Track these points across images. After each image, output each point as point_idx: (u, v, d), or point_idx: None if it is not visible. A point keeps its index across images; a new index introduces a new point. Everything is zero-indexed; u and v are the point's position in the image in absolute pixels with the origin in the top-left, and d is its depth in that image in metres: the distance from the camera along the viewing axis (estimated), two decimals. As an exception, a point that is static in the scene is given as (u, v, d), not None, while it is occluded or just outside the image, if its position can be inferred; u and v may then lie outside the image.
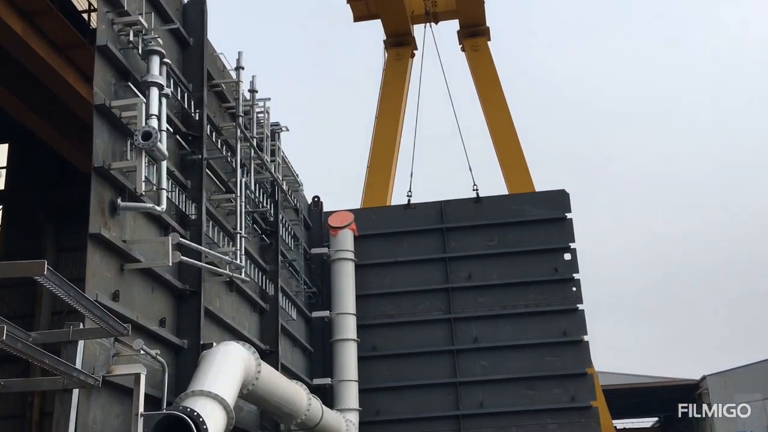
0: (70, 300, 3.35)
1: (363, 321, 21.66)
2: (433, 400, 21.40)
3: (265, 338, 16.80)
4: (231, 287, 14.92)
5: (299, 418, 15.55)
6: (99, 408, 9.60)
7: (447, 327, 22.03)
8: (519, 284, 22.10)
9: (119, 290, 10.43)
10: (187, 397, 10.29)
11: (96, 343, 9.58)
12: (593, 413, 20.96)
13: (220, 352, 11.69)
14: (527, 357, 21.47)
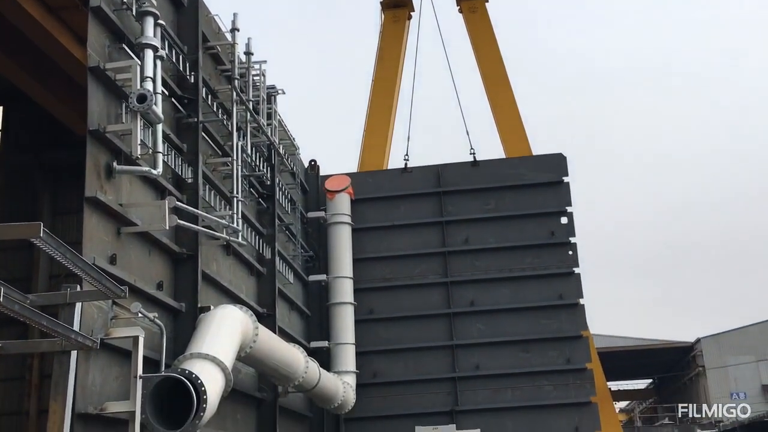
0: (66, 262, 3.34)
1: (360, 284, 21.73)
2: (430, 362, 21.56)
3: (263, 301, 16.87)
4: (228, 251, 14.94)
5: (297, 380, 15.67)
6: (98, 370, 9.66)
7: (443, 290, 22.13)
8: (515, 248, 22.17)
9: (116, 254, 10.44)
10: (185, 360, 10.35)
11: (94, 306, 9.62)
12: (588, 375, 21.16)
13: (218, 315, 11.73)
14: (523, 320, 21.61)
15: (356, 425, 20.99)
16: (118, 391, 9.95)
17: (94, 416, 9.36)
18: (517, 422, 20.73)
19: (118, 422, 9.73)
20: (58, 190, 17.79)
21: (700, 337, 53.36)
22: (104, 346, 9.77)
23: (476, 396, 21.21)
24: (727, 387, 51.13)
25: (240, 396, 14.82)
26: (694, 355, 53.99)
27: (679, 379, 58.11)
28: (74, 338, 3.48)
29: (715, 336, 53.10)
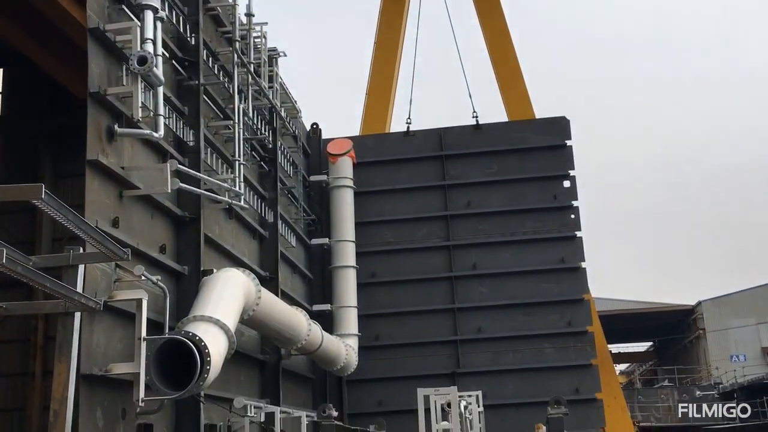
0: (68, 224, 3.34)
1: (362, 248, 21.78)
2: (432, 325, 21.70)
3: (265, 265, 16.92)
4: (230, 214, 14.94)
5: (299, 343, 15.78)
6: (102, 332, 9.73)
7: (446, 254, 22.19)
8: (518, 211, 22.19)
9: (119, 217, 10.45)
10: (188, 322, 10.40)
11: (97, 268, 9.65)
12: (589, 338, 21.30)
13: (221, 278, 11.78)
14: (525, 283, 21.69)
15: (358, 387, 21.18)
16: (123, 352, 10.03)
17: (99, 377, 9.45)
18: (518, 384, 20.91)
19: (122, 383, 9.81)
20: (59, 154, 17.75)
21: (701, 300, 53.57)
22: (108, 308, 9.82)
23: (478, 358, 21.38)
24: (727, 349, 51.48)
25: (243, 358, 14.93)
26: (694, 318, 54.27)
27: (680, 342, 58.50)
28: (77, 300, 3.50)
29: (716, 299, 53.32)
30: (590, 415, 20.49)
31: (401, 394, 19.38)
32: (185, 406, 11.63)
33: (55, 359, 3.59)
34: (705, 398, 45.17)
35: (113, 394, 9.76)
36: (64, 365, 3.73)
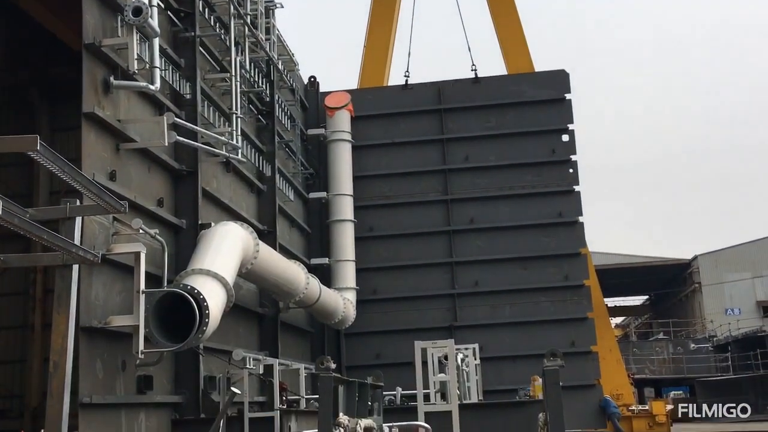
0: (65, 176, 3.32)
1: (360, 202, 21.78)
2: (429, 279, 21.80)
3: (263, 219, 16.93)
4: (228, 168, 14.90)
5: (297, 296, 15.87)
6: (101, 285, 9.78)
7: (443, 208, 22.20)
8: (516, 166, 22.14)
9: (116, 170, 10.42)
10: (187, 276, 10.44)
11: (95, 222, 9.66)
12: (585, 292, 21.43)
13: (219, 232, 11.79)
14: (522, 237, 21.74)
15: (356, 340, 21.37)
16: (122, 305, 10.09)
17: (99, 330, 9.52)
18: (514, 337, 21.08)
19: (122, 336, 9.89)
20: (56, 107, 17.63)
21: (697, 255, 53.83)
22: (107, 261, 9.85)
23: (475, 312, 21.52)
24: (722, 303, 51.87)
25: (242, 311, 15.03)
26: (690, 272, 54.58)
27: (675, 296, 58.93)
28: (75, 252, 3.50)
29: (712, 253, 53.56)
30: (586, 367, 20.71)
31: (399, 347, 19.54)
32: (184, 359, 11.74)
33: (54, 311, 3.61)
34: (699, 351, 45.69)
35: (113, 346, 9.85)
36: (63, 317, 3.75)
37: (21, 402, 16.71)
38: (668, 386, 46.50)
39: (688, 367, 44.94)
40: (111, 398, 9.64)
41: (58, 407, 3.76)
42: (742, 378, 41.37)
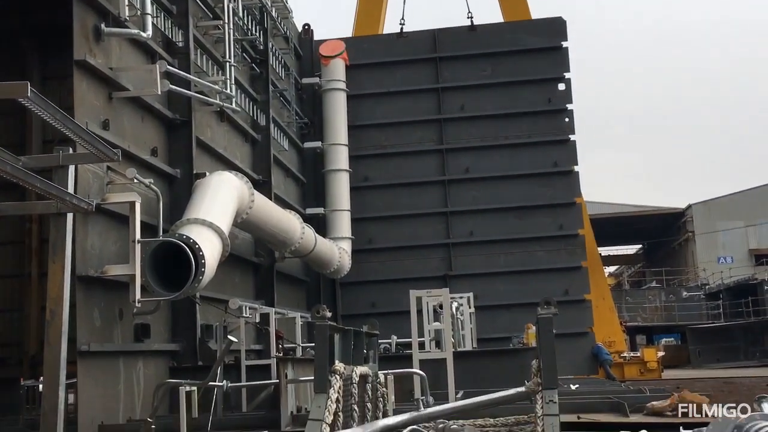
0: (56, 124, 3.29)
1: (355, 152, 21.71)
2: (424, 228, 21.87)
3: (258, 168, 16.88)
4: (222, 117, 14.80)
5: (293, 246, 15.92)
6: (96, 234, 9.78)
7: (439, 157, 22.17)
8: (512, 115, 22.05)
9: (109, 119, 10.34)
10: (182, 225, 10.44)
11: (89, 171, 9.62)
12: (580, 241, 21.54)
13: (214, 182, 11.76)
14: (518, 187, 21.76)
15: (352, 289, 21.51)
16: (118, 255, 10.11)
17: (95, 279, 9.56)
18: (508, 286, 21.24)
19: (118, 285, 9.93)
20: (47, 54, 17.36)
21: (692, 203, 53.96)
22: (102, 211, 9.84)
23: (469, 261, 21.64)
24: (714, 252, 52.16)
25: (238, 261, 15.08)
26: (684, 221, 54.77)
27: (668, 245, 59.22)
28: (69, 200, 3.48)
29: (706, 202, 53.69)
30: (579, 315, 20.94)
31: (394, 296, 19.65)
32: (181, 308, 11.82)
33: (49, 260, 3.61)
34: (691, 299, 46.12)
35: (109, 295, 9.90)
36: (59, 265, 3.75)
37: (20, 350, 16.82)
38: (660, 334, 47.04)
39: (679, 314, 45.40)
40: (109, 346, 9.72)
41: (55, 355, 3.79)
42: (733, 325, 41.85)
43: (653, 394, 10.45)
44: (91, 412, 9.11)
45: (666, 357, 35.23)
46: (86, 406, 9.05)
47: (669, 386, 16.66)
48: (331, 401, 6.29)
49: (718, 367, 37.07)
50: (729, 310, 43.98)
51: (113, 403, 9.70)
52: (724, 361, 39.22)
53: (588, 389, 12.52)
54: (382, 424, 6.92)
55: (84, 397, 9.07)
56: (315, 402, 6.34)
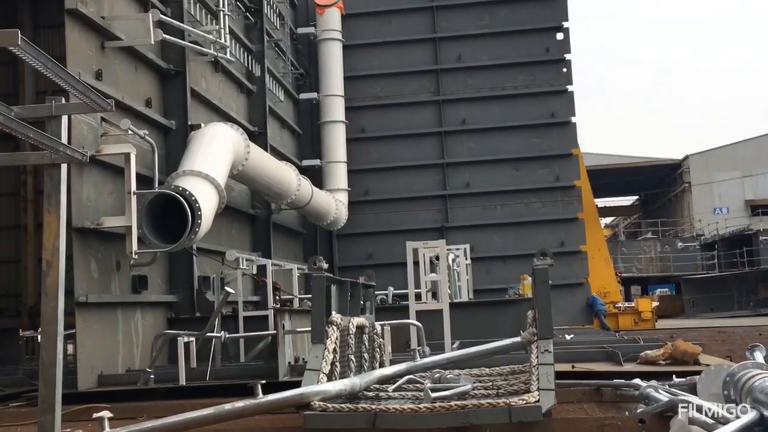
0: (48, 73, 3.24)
1: (351, 103, 21.58)
2: (421, 180, 21.85)
3: (253, 120, 16.77)
4: (216, 68, 14.65)
5: (289, 198, 15.90)
6: (91, 186, 9.75)
7: (435, 109, 22.04)
8: (509, 65, 21.87)
9: (102, 69, 10.22)
10: (178, 177, 10.40)
11: (83, 122, 9.55)
12: (576, 192, 21.55)
13: (209, 133, 11.69)
14: (514, 138, 21.69)
15: (348, 241, 21.57)
16: (114, 206, 10.09)
17: (91, 230, 9.55)
18: (505, 238, 21.31)
19: (115, 237, 9.93)
20: (38, 3, 17.14)
21: (689, 154, 53.91)
22: (96, 162, 9.80)
23: (466, 213, 21.67)
24: (710, 203, 52.32)
25: (234, 213, 15.08)
26: (681, 172, 54.79)
27: (665, 196, 59.32)
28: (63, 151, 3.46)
29: (704, 153, 53.64)
30: (575, 266, 21.05)
31: (390, 248, 19.76)
32: (178, 259, 11.84)
33: (45, 211, 3.60)
34: (686, 249, 46.38)
35: (106, 246, 9.90)
36: (54, 216, 3.73)
37: (18, 301, 16.94)
38: (655, 284, 47.41)
39: (674, 265, 45.72)
40: (107, 297, 9.76)
41: (53, 305, 3.79)
42: (727, 275, 42.16)
43: (647, 344, 10.55)
44: (90, 362, 9.19)
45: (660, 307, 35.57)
46: (85, 356, 9.12)
47: (663, 336, 16.83)
48: (328, 351, 6.35)
49: (711, 316, 37.44)
50: (724, 260, 44.27)
51: (112, 353, 9.78)
52: (717, 310, 39.61)
53: (583, 339, 12.64)
54: (378, 373, 7.00)
55: (83, 347, 9.14)
56: (312, 352, 6.40)
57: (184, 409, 6.10)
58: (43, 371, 3.81)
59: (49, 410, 3.76)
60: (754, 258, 42.41)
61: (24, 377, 10.51)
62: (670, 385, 6.28)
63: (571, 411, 6.22)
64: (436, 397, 5.70)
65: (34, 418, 4.37)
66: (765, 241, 42.85)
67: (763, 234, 43.70)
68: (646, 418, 5.33)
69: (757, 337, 21.53)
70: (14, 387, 9.79)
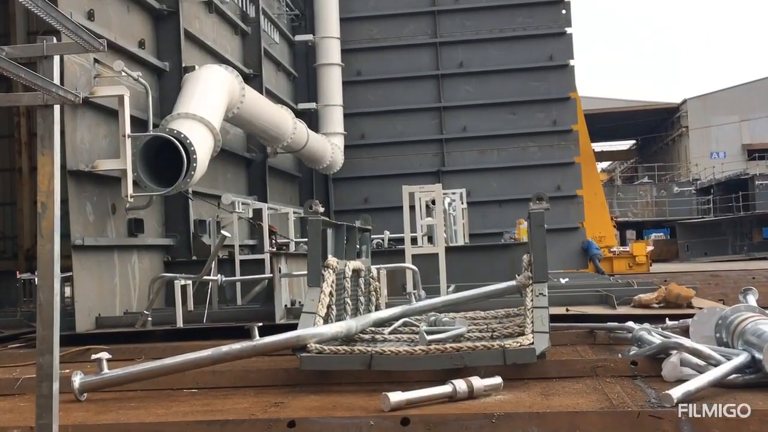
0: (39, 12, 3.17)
1: (347, 45, 21.32)
2: (417, 124, 21.73)
3: (248, 62, 16.58)
4: (210, 8, 14.43)
5: (285, 141, 15.82)
6: (85, 128, 9.67)
7: (432, 51, 21.81)
8: (507, 6, 21.58)
9: (93, 9, 10.05)
10: (173, 120, 10.32)
11: (76, 64, 9.43)
12: (573, 137, 21.47)
13: (203, 75, 11.56)
14: (512, 81, 21.51)
15: (344, 185, 21.54)
16: (108, 149, 10.03)
17: (86, 173, 9.51)
18: (501, 182, 21.29)
19: (110, 180, 9.90)
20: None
21: (687, 98, 53.62)
22: (90, 105, 9.70)
23: (462, 157, 21.61)
24: (707, 147, 52.24)
25: (229, 156, 15.01)
26: (678, 116, 54.59)
27: (662, 140, 59.19)
28: (55, 92, 3.41)
29: (702, 97, 53.37)
30: (570, 210, 21.08)
31: (386, 192, 19.75)
32: (174, 203, 11.82)
33: (38, 153, 3.57)
34: (682, 194, 46.47)
35: (101, 189, 9.87)
36: (48, 158, 3.70)
37: (14, 243, 16.98)
38: (650, 229, 47.62)
39: (670, 210, 45.85)
40: (103, 240, 9.76)
41: (49, 248, 3.78)
42: (722, 220, 42.33)
43: (641, 288, 10.64)
44: (88, 305, 9.24)
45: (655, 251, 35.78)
46: (83, 298, 9.17)
47: (657, 280, 16.99)
48: (324, 295, 6.38)
49: (705, 261, 37.72)
50: (719, 205, 44.39)
51: (109, 296, 9.83)
52: (711, 255, 39.90)
53: (577, 283, 12.73)
54: (374, 317, 7.05)
55: (80, 290, 9.18)
56: (308, 295, 6.44)
57: (181, 351, 6.16)
58: (40, 312, 3.82)
59: (47, 351, 3.78)
60: (750, 202, 42.52)
61: (22, 319, 10.59)
62: (663, 327, 6.35)
63: (565, 353, 6.29)
64: (432, 340, 5.76)
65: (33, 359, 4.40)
66: (761, 185, 42.92)
67: (759, 178, 43.76)
68: (638, 360, 5.40)
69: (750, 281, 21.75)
70: (12, 329, 9.86)
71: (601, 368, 5.40)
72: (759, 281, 22.02)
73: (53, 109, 3.79)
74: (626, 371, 5.33)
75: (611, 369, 5.39)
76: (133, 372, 5.61)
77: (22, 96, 3.97)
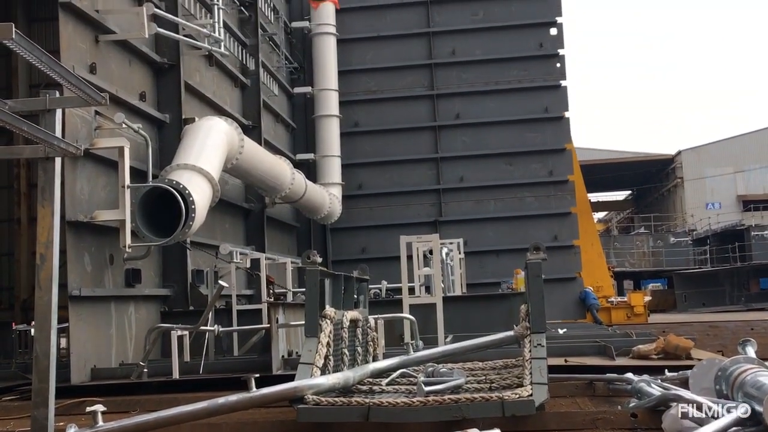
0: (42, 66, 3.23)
1: (345, 97, 21.57)
2: (415, 174, 21.86)
3: (247, 113, 16.75)
4: (210, 61, 14.62)
5: (283, 191, 15.89)
6: (85, 179, 9.73)
7: (429, 103, 22.05)
8: (503, 60, 21.88)
9: (96, 63, 10.20)
10: (172, 171, 10.38)
11: (77, 116, 9.53)
12: (570, 187, 21.59)
13: (203, 127, 11.66)
14: (508, 133, 21.72)
15: (342, 235, 21.57)
16: (107, 199, 10.08)
17: (85, 224, 9.54)
18: (498, 232, 21.34)
19: (109, 230, 9.92)
20: None
21: (681, 150, 54.03)
22: (90, 156, 9.78)
23: (459, 207, 21.70)
24: (703, 198, 52.44)
25: (228, 207, 15.07)
26: (673, 167, 54.92)
27: (657, 191, 59.46)
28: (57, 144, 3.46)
29: (696, 148, 53.77)
30: (568, 260, 21.10)
31: (384, 242, 19.77)
32: (172, 253, 11.83)
33: (38, 204, 3.60)
34: (679, 244, 46.48)
35: (100, 240, 9.89)
36: (48, 210, 3.73)
37: (11, 294, 16.91)
38: (647, 279, 47.51)
39: (667, 260, 45.81)
40: (100, 291, 9.75)
41: (46, 299, 3.79)
42: (719, 270, 42.28)
43: (639, 338, 10.60)
44: (83, 356, 9.19)
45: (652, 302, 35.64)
46: (78, 350, 9.12)
47: (655, 330, 16.90)
48: (321, 345, 6.36)
49: (703, 311, 37.56)
50: (716, 255, 44.38)
51: (105, 347, 9.77)
52: (709, 305, 39.75)
53: (575, 333, 12.67)
54: (372, 367, 7.02)
55: (76, 341, 9.14)
56: (306, 346, 6.41)
57: (177, 403, 6.11)
58: (36, 364, 3.81)
59: (42, 404, 3.76)
60: (746, 253, 42.52)
61: (17, 371, 10.51)
62: (662, 379, 6.32)
63: (564, 405, 6.25)
64: (430, 391, 5.72)
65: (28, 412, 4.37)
66: (757, 236, 42.96)
67: (755, 229, 43.83)
68: (638, 412, 5.36)
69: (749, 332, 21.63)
70: (7, 381, 9.78)
71: (601, 420, 5.37)
72: (757, 332, 21.89)
73: (54, 162, 3.84)
74: (626, 423, 5.30)
75: (611, 421, 5.36)
76: (128, 425, 5.56)
77: (24, 149, 4.02)
